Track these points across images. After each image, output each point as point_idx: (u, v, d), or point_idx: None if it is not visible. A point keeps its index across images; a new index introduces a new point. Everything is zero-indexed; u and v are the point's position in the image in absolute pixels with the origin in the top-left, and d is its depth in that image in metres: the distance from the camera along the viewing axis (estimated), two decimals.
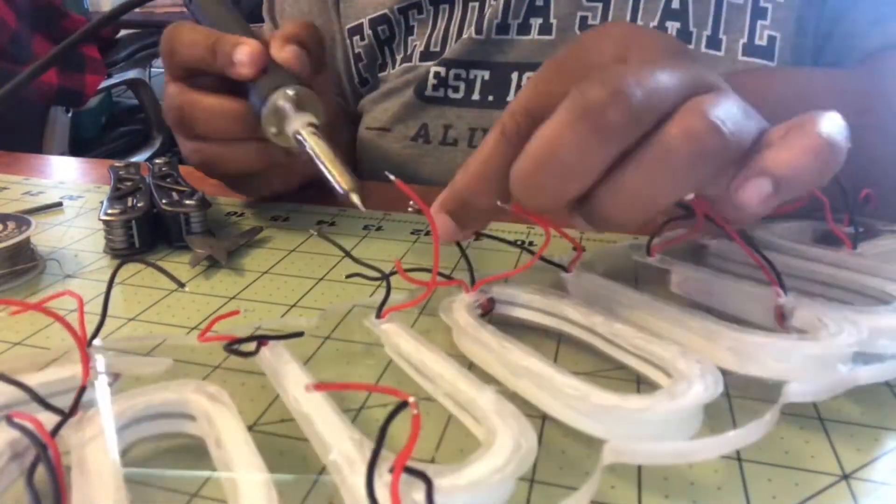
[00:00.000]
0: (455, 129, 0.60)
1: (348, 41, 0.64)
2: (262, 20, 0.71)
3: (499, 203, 0.30)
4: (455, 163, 0.60)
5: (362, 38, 0.63)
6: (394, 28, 0.61)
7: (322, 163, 0.36)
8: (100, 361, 0.27)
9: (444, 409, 0.26)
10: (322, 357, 0.31)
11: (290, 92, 0.39)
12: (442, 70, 0.59)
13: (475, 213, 0.31)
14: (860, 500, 0.23)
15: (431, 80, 0.59)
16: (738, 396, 0.28)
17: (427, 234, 0.46)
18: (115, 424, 0.24)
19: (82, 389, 0.24)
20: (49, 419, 0.23)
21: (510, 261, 0.41)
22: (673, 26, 0.55)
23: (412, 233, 0.46)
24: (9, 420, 0.22)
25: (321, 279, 0.39)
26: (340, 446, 0.22)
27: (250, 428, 0.27)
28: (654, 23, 0.55)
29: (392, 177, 0.34)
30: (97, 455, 0.22)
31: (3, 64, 1.42)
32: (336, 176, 0.36)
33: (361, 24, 0.62)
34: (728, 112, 0.26)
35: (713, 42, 0.54)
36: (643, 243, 0.37)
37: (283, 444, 0.26)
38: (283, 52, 0.42)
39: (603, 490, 0.23)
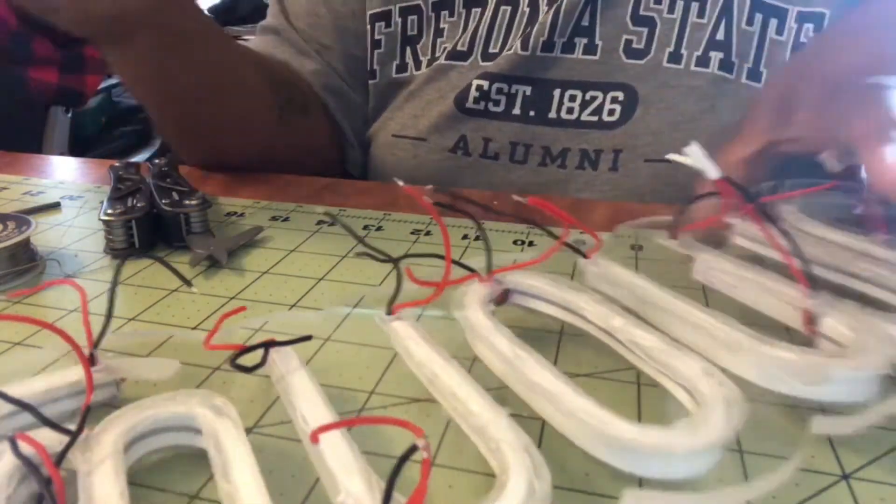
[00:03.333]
0: (495, 143, 0.60)
1: (368, 26, 0.63)
2: (259, 20, 0.70)
3: (515, 197, 0.29)
4: (497, 176, 0.60)
5: (388, 25, 0.62)
6: (422, 25, 0.61)
7: None
8: (104, 367, 0.27)
9: (451, 417, 0.25)
10: (327, 353, 0.31)
11: None
12: (485, 83, 0.59)
13: None
14: (860, 500, 0.23)
15: (473, 93, 0.59)
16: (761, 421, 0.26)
17: (427, 234, 0.46)
18: (123, 440, 0.23)
19: (87, 408, 0.24)
20: (54, 435, 0.23)
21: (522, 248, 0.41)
22: (716, 56, 0.56)
23: (412, 233, 0.46)
24: (13, 447, 0.22)
25: (321, 279, 0.39)
26: (350, 487, 0.21)
27: (250, 430, 0.27)
28: (699, 52, 0.56)
29: (400, 182, 0.33)
30: (104, 485, 0.21)
31: (3, 64, 1.42)
32: None
33: (389, 11, 0.62)
34: None
35: (754, 74, 0.56)
36: (666, 221, 0.35)
37: (284, 446, 0.26)
38: None
39: (605, 488, 0.23)
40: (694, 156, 0.27)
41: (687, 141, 0.29)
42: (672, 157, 0.28)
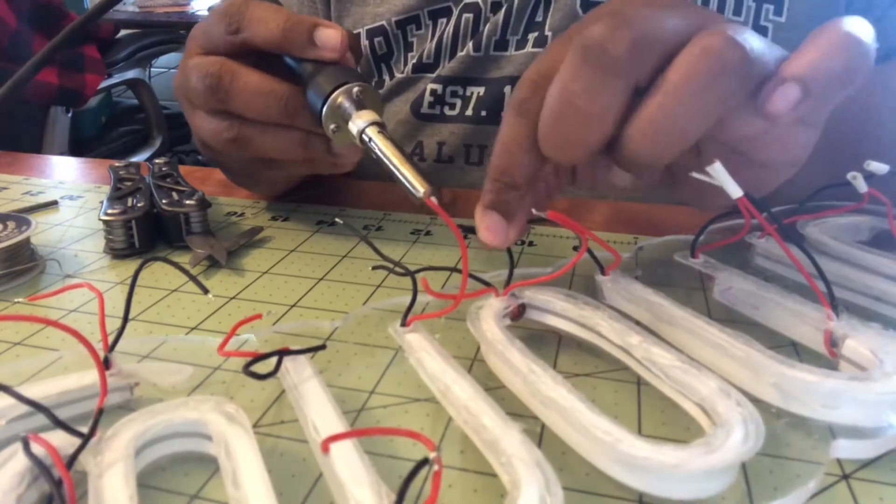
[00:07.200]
0: (449, 146, 0.59)
1: None
2: None
3: (534, 211, 0.30)
4: (453, 179, 0.59)
5: (358, 48, 0.62)
6: (391, 43, 0.60)
7: (394, 165, 0.33)
8: (118, 371, 0.27)
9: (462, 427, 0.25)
10: (326, 353, 0.31)
11: (356, 89, 0.36)
12: (439, 87, 0.58)
13: (515, 196, 0.30)
14: (860, 500, 0.23)
15: (428, 98, 0.59)
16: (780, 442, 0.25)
17: (427, 234, 0.46)
18: (134, 444, 0.23)
19: (100, 411, 0.24)
20: (67, 437, 0.23)
21: (540, 262, 0.41)
22: None
23: (412, 233, 0.46)
24: (25, 448, 0.22)
25: (321, 279, 0.39)
26: (359, 497, 0.21)
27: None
28: None
29: (427, 197, 0.32)
30: (114, 489, 0.21)
31: (3, 64, 1.43)
32: (410, 178, 0.32)
33: (358, 35, 0.62)
34: (746, 34, 0.26)
35: None
36: (687, 240, 0.35)
37: (284, 446, 0.26)
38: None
39: (605, 484, 0.23)
40: (718, 174, 0.26)
41: None
42: (695, 175, 0.27)
